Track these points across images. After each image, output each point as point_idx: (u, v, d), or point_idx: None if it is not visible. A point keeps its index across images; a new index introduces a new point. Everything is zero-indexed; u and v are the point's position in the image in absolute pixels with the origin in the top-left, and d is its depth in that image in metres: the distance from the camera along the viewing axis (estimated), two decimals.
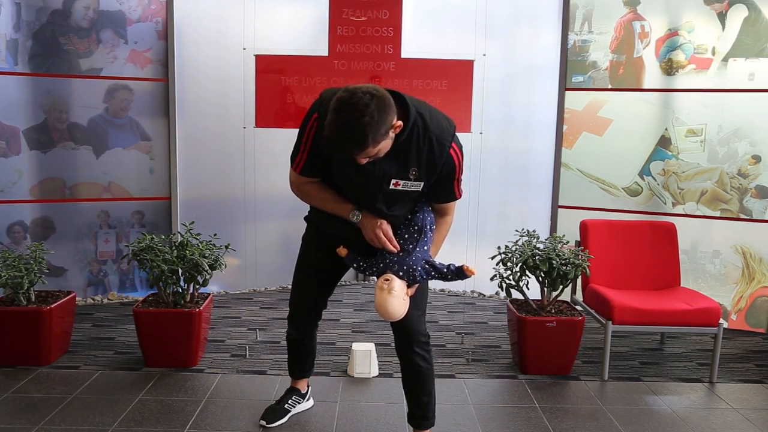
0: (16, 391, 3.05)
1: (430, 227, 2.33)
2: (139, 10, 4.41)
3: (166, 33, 4.47)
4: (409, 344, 2.43)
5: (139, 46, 4.44)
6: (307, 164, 2.23)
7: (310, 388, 2.96)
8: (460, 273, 2.28)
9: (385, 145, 2.01)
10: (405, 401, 2.59)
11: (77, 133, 4.37)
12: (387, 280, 2.22)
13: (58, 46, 4.25)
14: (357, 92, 1.90)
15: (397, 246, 2.26)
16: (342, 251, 2.33)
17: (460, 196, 2.34)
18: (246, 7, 4.57)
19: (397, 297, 2.20)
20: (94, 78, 4.36)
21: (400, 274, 2.24)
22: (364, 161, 2.02)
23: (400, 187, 2.18)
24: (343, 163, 2.15)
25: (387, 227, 2.24)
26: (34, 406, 2.89)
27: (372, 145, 1.94)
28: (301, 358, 2.83)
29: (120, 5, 4.35)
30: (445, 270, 2.29)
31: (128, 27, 4.39)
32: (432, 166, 2.17)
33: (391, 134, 2.01)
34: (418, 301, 2.40)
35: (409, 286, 2.28)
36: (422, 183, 2.20)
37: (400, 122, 2.02)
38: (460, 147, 2.22)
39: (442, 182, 2.24)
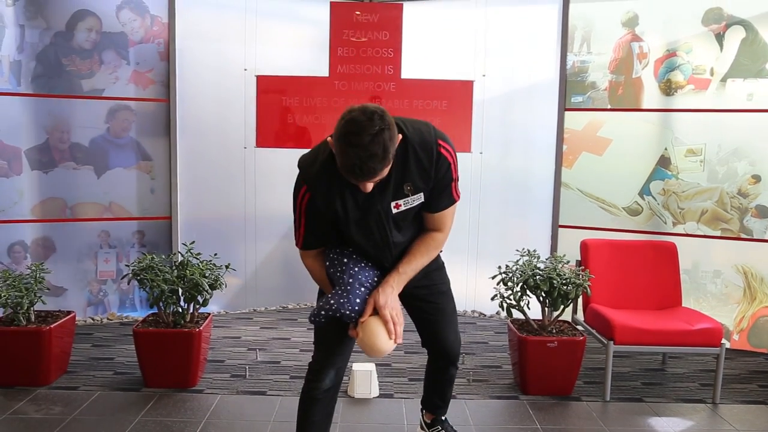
0: (15, 412, 3.03)
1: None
2: (142, 31, 4.45)
3: (167, 54, 4.51)
4: (451, 362, 2.54)
5: (141, 66, 4.47)
6: (307, 238, 2.16)
7: None
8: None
9: (390, 164, 1.93)
10: (423, 392, 2.72)
11: (79, 153, 4.38)
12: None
13: (60, 67, 4.29)
14: (366, 109, 1.85)
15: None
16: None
17: (458, 197, 2.19)
18: (247, 28, 4.62)
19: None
20: (96, 98, 4.39)
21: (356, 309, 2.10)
22: (370, 187, 1.94)
23: (402, 208, 2.10)
24: (348, 212, 2.07)
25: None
26: (33, 427, 2.87)
27: (390, 160, 1.89)
28: (321, 429, 2.37)
29: (122, 27, 4.39)
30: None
31: (130, 48, 4.43)
32: (425, 173, 2.06)
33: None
34: (455, 324, 2.49)
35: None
36: (421, 193, 2.11)
37: (400, 135, 1.95)
38: (450, 143, 2.10)
39: (440, 185, 2.11)
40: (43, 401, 3.17)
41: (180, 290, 3.31)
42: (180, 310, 3.38)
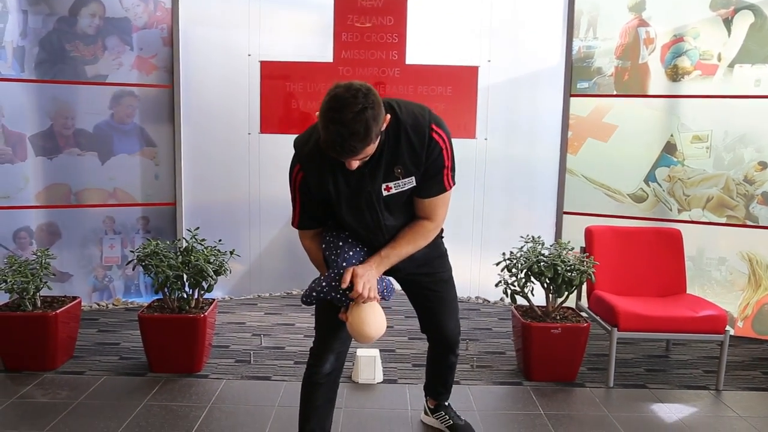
0: (22, 396, 3.05)
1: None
2: (145, 16, 4.43)
3: (171, 39, 4.49)
4: (450, 350, 2.57)
5: (144, 52, 4.46)
6: (302, 218, 2.18)
7: None
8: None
9: (375, 144, 1.91)
10: (425, 378, 2.78)
11: (83, 140, 4.38)
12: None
13: (64, 53, 4.27)
14: (352, 86, 1.82)
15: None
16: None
17: (451, 186, 2.16)
18: (251, 13, 4.59)
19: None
20: (100, 84, 4.38)
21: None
22: (355, 164, 1.92)
23: (393, 191, 2.08)
24: (340, 192, 2.07)
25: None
26: (40, 411, 2.90)
27: (374, 139, 1.86)
28: (323, 413, 2.39)
29: (126, 12, 4.38)
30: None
31: (134, 34, 4.41)
32: (416, 157, 2.03)
33: (382, 130, 1.91)
34: (456, 312, 2.50)
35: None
36: (413, 176, 2.08)
37: (388, 115, 1.93)
38: (445, 129, 2.07)
39: (431, 170, 2.08)
40: (49, 386, 3.19)
41: (185, 276, 3.32)
42: (185, 296, 3.40)
